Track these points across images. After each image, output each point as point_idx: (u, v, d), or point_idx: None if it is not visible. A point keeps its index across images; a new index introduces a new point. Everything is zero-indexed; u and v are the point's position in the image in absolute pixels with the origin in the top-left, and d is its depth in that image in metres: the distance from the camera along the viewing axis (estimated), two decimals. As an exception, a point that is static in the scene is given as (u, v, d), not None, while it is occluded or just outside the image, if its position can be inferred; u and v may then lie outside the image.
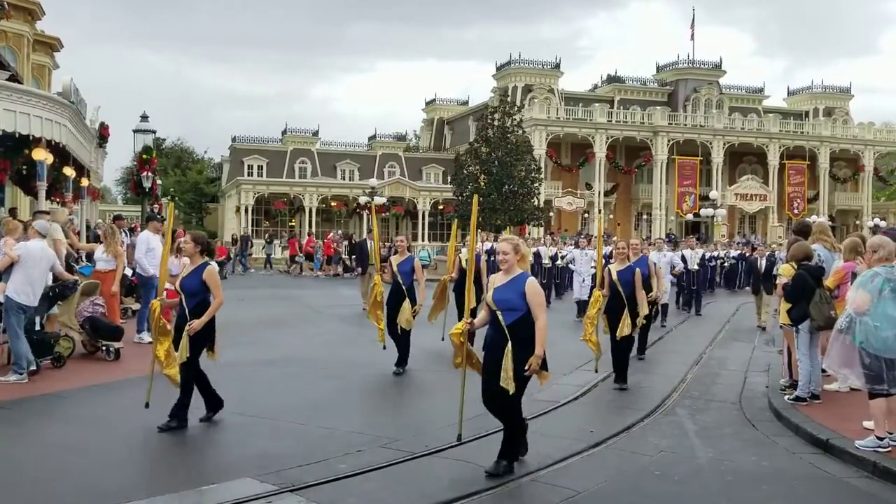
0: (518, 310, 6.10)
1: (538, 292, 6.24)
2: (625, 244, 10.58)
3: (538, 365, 6.09)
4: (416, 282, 10.49)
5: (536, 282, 6.30)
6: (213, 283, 7.46)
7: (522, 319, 6.10)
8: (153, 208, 27.66)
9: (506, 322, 6.10)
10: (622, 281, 9.85)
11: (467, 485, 5.95)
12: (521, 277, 6.21)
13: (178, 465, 6.39)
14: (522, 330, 6.09)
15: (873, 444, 6.75)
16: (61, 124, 15.81)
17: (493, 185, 40.39)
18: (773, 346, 13.37)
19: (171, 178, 59.51)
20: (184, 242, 7.81)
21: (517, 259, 6.28)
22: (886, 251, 6.91)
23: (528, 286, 6.16)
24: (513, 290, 6.17)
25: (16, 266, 9.07)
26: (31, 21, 30.26)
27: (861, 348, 6.75)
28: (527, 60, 53.42)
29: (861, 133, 57.36)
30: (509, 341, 6.04)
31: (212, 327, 7.54)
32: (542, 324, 6.11)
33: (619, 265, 10.08)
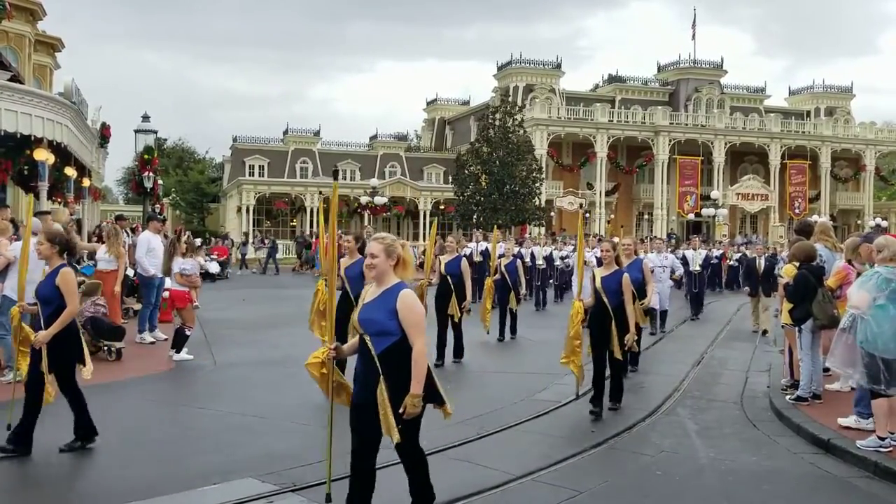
0: (390, 334, 4.63)
1: (414, 309, 4.66)
2: (609, 245, 8.78)
3: (416, 407, 4.61)
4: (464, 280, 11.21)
5: (413, 295, 4.75)
6: (67, 289, 6.53)
7: (397, 347, 4.64)
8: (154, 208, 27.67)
9: (376, 350, 4.66)
10: (607, 289, 8.32)
11: (468, 485, 5.95)
12: (395, 290, 4.70)
13: (179, 466, 6.39)
14: (398, 360, 4.63)
15: (875, 444, 6.75)
16: (63, 124, 15.83)
17: (495, 185, 40.39)
18: (775, 347, 13.37)
19: (173, 179, 59.47)
20: (37, 243, 6.88)
21: (391, 265, 4.76)
22: (891, 251, 6.89)
23: (400, 301, 4.64)
24: (383, 308, 4.68)
25: (12, 266, 9.10)
26: (33, 21, 30.28)
27: (861, 347, 6.75)
28: (528, 60, 53.40)
29: (862, 133, 57.31)
30: (381, 375, 4.64)
31: (74, 339, 6.65)
32: (417, 351, 4.62)
33: (605, 270, 8.49)
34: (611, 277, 8.39)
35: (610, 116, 51.57)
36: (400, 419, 4.63)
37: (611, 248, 8.62)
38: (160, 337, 12.60)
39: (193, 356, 11.02)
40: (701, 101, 54.57)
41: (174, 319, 12.54)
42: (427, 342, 4.66)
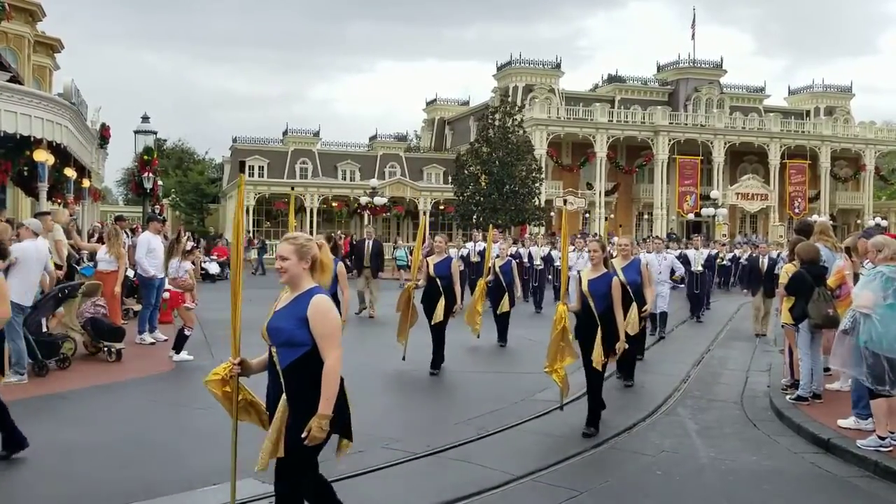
0: (299, 345, 4.04)
1: (327, 317, 4.06)
2: (597, 245, 7.86)
3: (322, 431, 3.96)
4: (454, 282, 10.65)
5: (328, 301, 4.12)
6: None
7: (306, 360, 4.03)
8: (154, 209, 27.67)
9: (281, 364, 4.09)
10: (595, 294, 7.51)
11: (468, 485, 5.94)
12: (307, 296, 4.12)
13: (180, 466, 6.39)
14: (305, 375, 4.02)
15: (875, 444, 6.75)
16: (62, 125, 15.82)
17: (494, 185, 40.39)
18: (775, 346, 13.37)
19: (173, 179, 59.47)
20: None
21: (305, 268, 4.18)
22: (891, 250, 6.89)
23: (311, 308, 4.04)
24: (292, 316, 4.09)
25: (13, 267, 9.06)
26: (32, 22, 30.25)
27: (864, 348, 6.75)
28: (527, 60, 53.38)
29: (862, 132, 57.30)
30: (283, 393, 4.07)
31: None
32: (329, 366, 4.00)
33: (593, 272, 7.64)
34: (599, 280, 7.55)
35: (609, 116, 51.55)
36: (297, 445, 3.96)
37: (599, 248, 7.75)
38: (160, 338, 12.60)
39: (193, 357, 11.02)
40: (700, 100, 54.56)
41: (174, 320, 12.54)
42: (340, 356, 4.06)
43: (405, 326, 10.58)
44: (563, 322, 7.42)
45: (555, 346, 7.43)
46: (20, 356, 9.10)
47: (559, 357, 7.45)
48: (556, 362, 7.46)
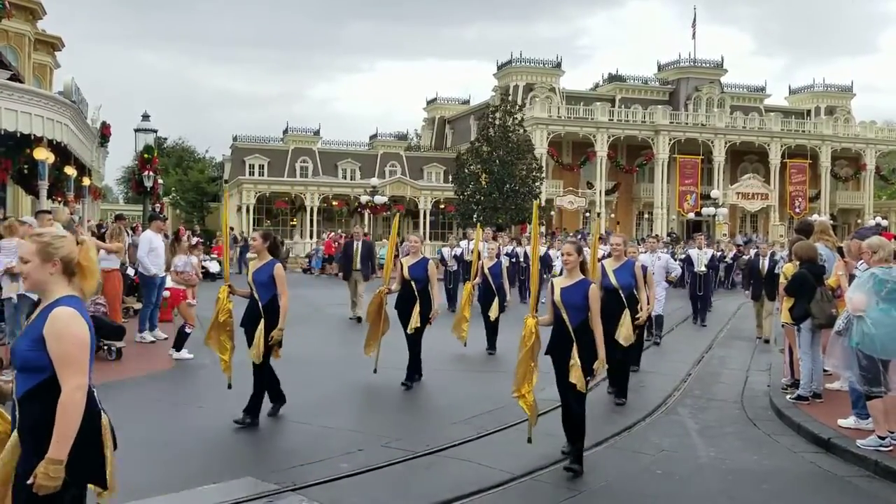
0: (37, 370, 3.21)
1: (63, 337, 3.20)
2: (572, 248, 6.58)
3: (51, 479, 3.11)
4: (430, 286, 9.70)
5: (71, 316, 3.24)
6: None
7: (43, 389, 3.21)
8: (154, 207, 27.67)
9: (17, 393, 3.28)
10: (568, 304, 6.40)
11: (468, 484, 5.95)
12: (48, 310, 3.27)
13: (179, 465, 6.39)
14: (41, 408, 3.20)
15: (875, 444, 6.75)
16: (62, 124, 15.83)
17: (495, 184, 40.39)
18: (775, 346, 13.37)
19: (173, 178, 59.46)
20: None
21: (52, 272, 3.32)
22: (886, 252, 6.89)
23: (48, 324, 3.22)
24: (28, 335, 3.28)
25: None
26: (33, 20, 30.26)
27: (857, 349, 6.75)
28: (528, 59, 53.36)
29: (863, 132, 57.28)
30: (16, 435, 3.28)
31: None
32: (66, 396, 3.18)
33: (567, 279, 6.54)
34: (573, 289, 6.43)
35: (610, 115, 51.54)
36: (27, 494, 3.15)
37: (573, 251, 6.54)
38: (160, 336, 12.60)
39: (193, 355, 11.02)
40: (701, 100, 54.54)
41: (174, 319, 12.54)
42: None
43: (374, 336, 9.55)
44: (533, 339, 6.32)
45: (523, 366, 6.34)
46: None
47: (527, 380, 6.34)
48: (523, 386, 6.35)
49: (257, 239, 8.00)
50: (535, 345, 6.35)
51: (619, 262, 9.02)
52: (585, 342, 6.35)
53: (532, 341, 6.34)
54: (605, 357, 6.43)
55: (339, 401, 8.90)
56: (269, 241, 7.95)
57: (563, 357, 6.39)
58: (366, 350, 9.60)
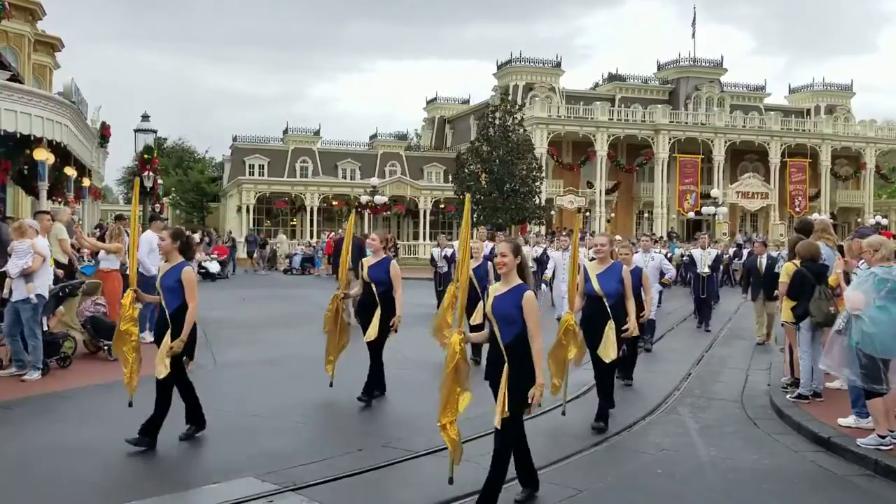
0: None
1: None
2: (508, 247, 5.51)
3: None
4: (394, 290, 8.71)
5: None
6: None
7: None
8: (154, 208, 27.68)
9: None
10: (499, 315, 5.39)
11: (468, 484, 5.94)
12: None
13: (180, 465, 6.39)
14: None
15: (875, 443, 6.75)
16: (62, 124, 15.83)
17: (495, 184, 40.39)
18: (775, 345, 13.37)
19: (173, 178, 59.47)
20: None
21: None
22: (887, 251, 6.88)
23: None
24: None
25: (43, 265, 9.37)
26: (33, 21, 30.26)
27: (857, 348, 6.75)
28: (528, 59, 53.37)
29: (862, 131, 57.28)
30: None
31: None
32: None
33: (502, 284, 5.50)
34: (506, 297, 5.40)
35: (610, 115, 51.55)
36: None
37: (509, 251, 5.46)
38: (161, 336, 12.59)
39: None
40: (701, 99, 54.55)
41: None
42: None
43: (332, 349, 8.81)
44: (456, 360, 5.28)
45: (444, 392, 5.33)
46: (39, 353, 9.40)
47: (450, 409, 5.33)
48: (444, 415, 5.33)
49: (165, 238, 7.04)
50: (460, 366, 5.28)
51: (605, 266, 7.90)
52: (519, 362, 5.28)
53: (455, 362, 5.27)
54: (544, 381, 5.30)
55: (339, 401, 8.89)
56: (178, 240, 7.03)
57: (495, 381, 5.43)
58: (326, 367, 8.79)
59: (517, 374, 5.27)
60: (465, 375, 5.32)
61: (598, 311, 7.71)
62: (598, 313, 7.70)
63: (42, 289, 9.50)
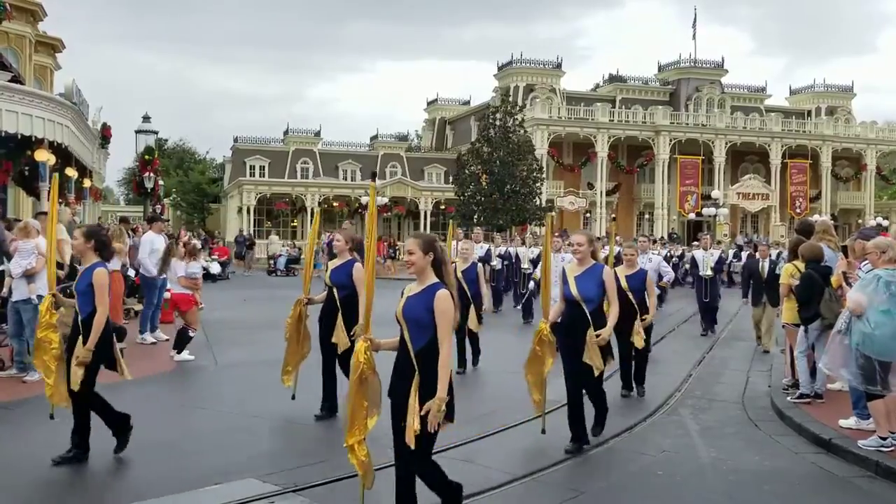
0: None
1: None
2: (416, 244, 4.80)
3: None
4: None
5: None
6: None
7: None
8: (155, 209, 27.70)
9: None
10: (409, 318, 4.72)
11: (469, 485, 5.93)
12: None
13: (180, 466, 6.39)
14: None
15: (876, 444, 6.75)
16: (63, 125, 15.85)
17: (495, 185, 40.41)
18: (776, 346, 13.36)
19: (174, 179, 59.54)
20: None
21: None
22: (894, 253, 6.81)
23: None
24: None
25: (44, 265, 9.35)
26: (34, 22, 30.28)
27: (857, 349, 6.74)
28: (528, 60, 53.42)
29: (863, 132, 57.30)
30: None
31: None
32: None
33: (417, 284, 4.82)
34: (417, 299, 4.73)
35: (610, 116, 51.57)
36: None
37: (418, 248, 4.76)
38: (161, 337, 12.61)
39: (194, 357, 11.03)
40: (701, 100, 54.58)
41: (175, 320, 12.55)
42: None
43: (293, 359, 8.02)
44: (360, 370, 4.68)
45: (350, 406, 4.74)
46: None
47: (358, 427, 4.73)
48: (352, 434, 4.73)
49: (77, 237, 6.57)
50: (367, 378, 4.69)
51: (584, 267, 7.13)
52: (428, 372, 4.58)
53: (360, 373, 4.66)
54: (445, 396, 4.54)
55: (340, 402, 8.88)
56: (92, 239, 6.51)
57: (401, 394, 4.64)
58: (283, 377, 8.04)
59: (425, 387, 4.55)
60: (374, 389, 4.71)
61: (578, 318, 6.97)
62: (578, 320, 6.97)
63: (44, 290, 9.47)
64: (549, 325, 7.00)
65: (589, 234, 7.52)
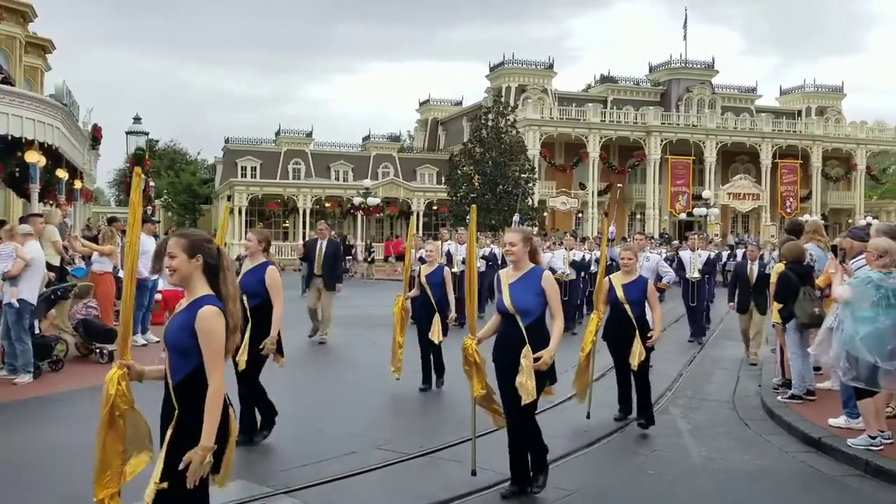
0: None
1: None
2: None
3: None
4: None
5: None
6: None
7: None
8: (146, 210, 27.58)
9: None
10: (172, 347, 3.98)
11: (461, 485, 5.96)
12: None
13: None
14: None
15: (865, 443, 6.78)
16: (54, 126, 15.77)
17: (488, 186, 40.46)
18: (766, 346, 13.42)
19: (165, 180, 59.33)
20: None
21: None
22: (890, 259, 6.76)
23: None
24: None
25: (29, 269, 9.28)
26: (24, 23, 30.17)
27: (844, 349, 6.77)
28: (520, 61, 53.50)
29: (853, 132, 57.57)
30: None
31: None
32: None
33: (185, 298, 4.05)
34: (179, 318, 3.88)
35: (602, 117, 51.69)
36: None
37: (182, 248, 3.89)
38: (152, 339, 12.58)
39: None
40: (692, 101, 54.75)
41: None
42: None
43: None
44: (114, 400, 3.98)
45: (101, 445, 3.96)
46: (28, 356, 9.33)
47: (109, 473, 3.96)
48: (104, 483, 3.95)
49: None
50: (124, 413, 3.95)
51: (519, 273, 5.74)
52: (189, 415, 3.69)
53: (111, 407, 3.94)
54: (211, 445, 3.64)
55: (331, 403, 8.89)
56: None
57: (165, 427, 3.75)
58: None
59: (185, 430, 3.66)
60: (134, 427, 3.94)
61: (512, 334, 5.67)
62: (512, 336, 5.66)
63: (27, 293, 9.36)
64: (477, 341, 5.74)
65: (524, 230, 6.17)
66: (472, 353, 5.67)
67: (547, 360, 5.57)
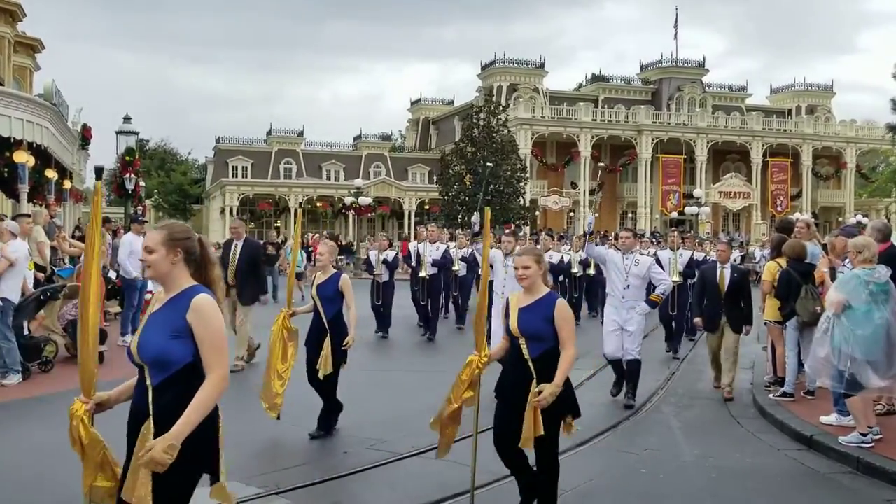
0: None
1: None
2: None
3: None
4: None
5: None
6: None
7: None
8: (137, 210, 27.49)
9: None
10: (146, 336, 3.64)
11: (454, 485, 5.94)
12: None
13: (163, 469, 6.33)
14: None
15: (857, 440, 6.79)
16: (43, 126, 15.70)
17: (479, 185, 40.50)
18: (758, 343, 13.44)
19: (155, 180, 59.15)
20: None
21: None
22: (871, 253, 6.86)
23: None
24: None
25: (12, 268, 9.21)
26: (13, 23, 30.01)
27: (837, 349, 6.77)
28: (511, 60, 53.57)
29: (843, 130, 57.89)
30: None
31: None
32: None
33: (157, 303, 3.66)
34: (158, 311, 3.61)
35: (593, 116, 51.80)
36: None
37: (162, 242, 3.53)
38: (143, 340, 12.51)
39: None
40: (683, 100, 54.93)
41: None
42: None
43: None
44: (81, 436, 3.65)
45: None
46: (14, 355, 9.25)
47: None
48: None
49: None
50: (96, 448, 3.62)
51: (534, 297, 5.11)
52: None
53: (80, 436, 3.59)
54: None
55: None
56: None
57: None
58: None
59: None
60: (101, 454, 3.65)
61: (516, 361, 5.10)
62: (517, 364, 5.10)
63: (9, 292, 9.28)
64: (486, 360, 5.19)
65: (534, 250, 5.32)
66: (476, 370, 5.17)
67: (546, 397, 4.80)
